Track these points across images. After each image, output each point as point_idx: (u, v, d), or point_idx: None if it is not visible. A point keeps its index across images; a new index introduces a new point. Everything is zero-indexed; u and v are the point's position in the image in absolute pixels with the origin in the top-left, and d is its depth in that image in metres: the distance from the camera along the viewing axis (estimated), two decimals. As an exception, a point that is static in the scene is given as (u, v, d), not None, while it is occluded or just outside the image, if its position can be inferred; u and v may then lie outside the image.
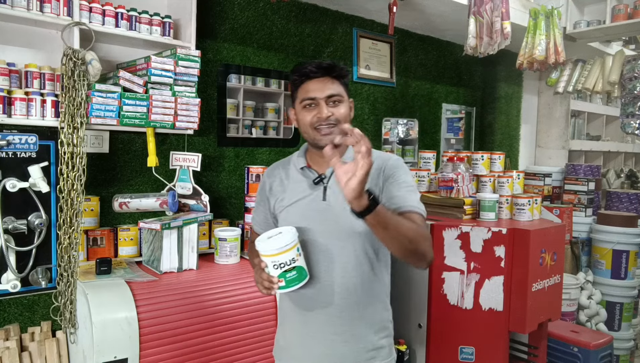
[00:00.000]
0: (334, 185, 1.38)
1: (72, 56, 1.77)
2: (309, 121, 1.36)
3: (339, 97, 1.37)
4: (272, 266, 1.27)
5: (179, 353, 1.73)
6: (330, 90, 1.36)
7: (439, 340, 2.27)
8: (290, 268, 1.27)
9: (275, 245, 1.26)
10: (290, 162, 1.50)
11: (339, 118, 1.35)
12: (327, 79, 1.37)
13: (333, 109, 1.36)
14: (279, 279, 1.27)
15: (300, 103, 1.39)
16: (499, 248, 2.16)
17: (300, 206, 1.41)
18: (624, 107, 3.51)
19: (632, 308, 3.48)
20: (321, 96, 1.35)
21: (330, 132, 1.34)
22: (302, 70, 1.39)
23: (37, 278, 1.91)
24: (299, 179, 1.44)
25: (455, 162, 2.48)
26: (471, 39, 2.78)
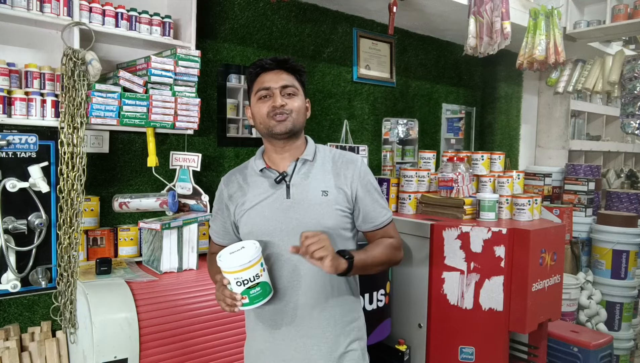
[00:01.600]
0: (297, 183, 1.37)
1: (72, 56, 1.77)
2: (265, 112, 1.35)
3: (293, 89, 1.37)
4: (235, 283, 1.22)
5: (179, 353, 1.73)
6: (284, 81, 1.36)
7: (439, 340, 2.27)
8: (254, 284, 1.22)
9: (238, 262, 1.20)
10: (247, 166, 1.48)
11: (293, 109, 1.36)
12: (281, 71, 1.37)
13: (287, 100, 1.36)
14: (242, 296, 1.22)
15: (256, 95, 1.38)
16: (499, 248, 2.16)
17: (262, 207, 1.37)
18: (624, 107, 3.51)
19: (632, 308, 3.48)
20: (275, 86, 1.35)
21: (285, 119, 1.34)
22: (257, 63, 1.40)
23: (37, 278, 1.91)
24: (259, 182, 1.41)
25: (455, 162, 2.48)
26: (471, 39, 2.78)
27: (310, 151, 1.42)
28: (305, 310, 1.35)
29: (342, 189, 1.38)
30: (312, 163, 1.40)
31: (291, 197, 1.36)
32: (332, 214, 1.35)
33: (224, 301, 1.25)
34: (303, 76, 1.42)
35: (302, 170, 1.39)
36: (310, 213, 1.34)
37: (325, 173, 1.40)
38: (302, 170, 1.39)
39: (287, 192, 1.36)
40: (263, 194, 1.38)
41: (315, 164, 1.41)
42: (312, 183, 1.37)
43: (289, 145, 1.40)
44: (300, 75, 1.41)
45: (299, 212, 1.35)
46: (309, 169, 1.39)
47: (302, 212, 1.35)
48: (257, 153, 1.48)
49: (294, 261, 1.34)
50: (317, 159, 1.42)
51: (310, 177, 1.38)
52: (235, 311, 1.25)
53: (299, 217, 1.34)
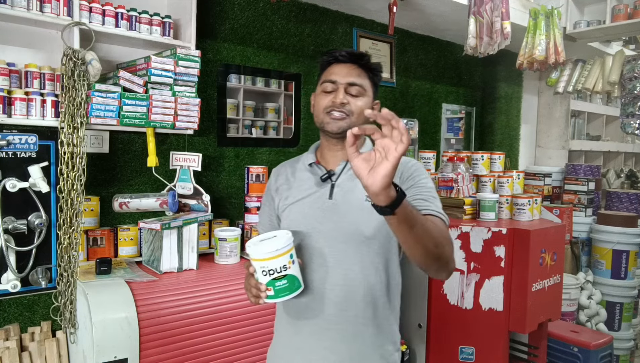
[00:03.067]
0: (343, 183, 1.29)
1: (72, 56, 1.77)
2: (324, 105, 1.28)
3: (360, 89, 1.27)
4: (261, 272, 1.15)
5: (179, 353, 1.73)
6: (352, 77, 1.27)
7: (439, 340, 2.27)
8: (280, 276, 1.15)
9: (265, 249, 1.14)
10: (299, 160, 1.41)
11: (354, 111, 1.26)
12: (353, 67, 1.28)
13: (351, 99, 1.26)
14: (267, 287, 1.15)
15: (321, 85, 1.31)
16: (499, 248, 2.16)
17: (303, 204, 1.31)
18: (624, 107, 3.51)
19: (632, 308, 3.48)
20: (342, 81, 1.27)
21: (341, 118, 1.26)
22: (331, 52, 1.31)
23: (37, 278, 1.91)
24: (306, 177, 1.35)
25: (455, 162, 2.48)
26: (471, 39, 2.78)
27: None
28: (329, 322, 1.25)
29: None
30: None
31: (333, 198, 1.28)
32: (373, 222, 1.23)
33: (250, 291, 1.19)
34: (377, 76, 1.32)
35: (350, 171, 1.28)
36: (350, 217, 1.25)
37: None
38: (351, 171, 1.23)
39: (330, 192, 1.29)
40: (307, 190, 1.32)
41: None
42: (359, 185, 1.19)
43: (343, 143, 1.29)
44: (374, 74, 1.31)
45: (338, 215, 1.26)
46: None
47: (341, 215, 1.26)
48: (312, 146, 1.41)
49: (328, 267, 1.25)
50: None
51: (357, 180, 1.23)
52: (260, 303, 1.17)
53: (337, 220, 1.26)
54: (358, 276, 1.25)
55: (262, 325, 1.93)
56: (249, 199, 2.34)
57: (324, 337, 1.25)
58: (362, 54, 1.30)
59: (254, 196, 2.33)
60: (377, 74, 1.33)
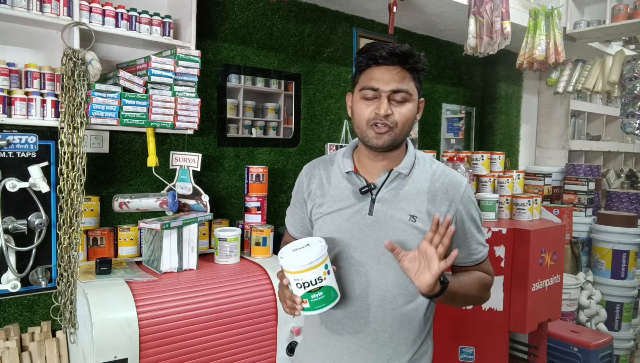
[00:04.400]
0: (385, 198, 1.21)
1: (72, 56, 1.77)
2: (366, 116, 1.16)
3: (405, 95, 1.16)
4: (295, 285, 1.11)
5: (179, 353, 1.73)
6: (397, 84, 1.15)
7: (439, 340, 2.27)
8: (316, 288, 1.10)
9: (300, 261, 1.08)
10: (333, 162, 1.30)
11: (399, 121, 1.16)
12: (397, 69, 1.16)
13: (396, 108, 1.16)
14: (302, 300, 1.11)
15: (360, 92, 1.18)
16: (499, 248, 2.17)
17: (340, 217, 1.23)
18: (624, 107, 3.51)
19: (632, 308, 3.48)
20: (385, 89, 1.14)
21: (385, 131, 1.15)
22: (371, 52, 1.17)
23: (37, 278, 1.91)
24: (343, 185, 1.25)
25: (455, 162, 2.48)
26: (471, 39, 2.78)
27: (408, 163, 1.23)
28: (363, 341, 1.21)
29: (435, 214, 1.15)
30: (407, 178, 1.22)
31: (374, 214, 1.20)
32: (415, 244, 1.14)
33: (284, 302, 1.15)
34: (422, 74, 1.20)
35: (392, 184, 1.21)
36: (391, 236, 1.16)
37: (420, 192, 1.20)
38: (393, 184, 1.21)
39: (371, 207, 1.20)
40: (344, 201, 1.23)
41: (410, 180, 1.22)
42: (401, 203, 1.19)
43: (386, 154, 1.22)
44: (419, 73, 1.19)
45: (379, 233, 1.19)
46: (401, 185, 1.21)
47: (382, 234, 1.18)
48: (348, 149, 1.30)
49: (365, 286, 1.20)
50: (413, 173, 1.22)
51: (400, 195, 1.20)
52: (297, 315, 1.13)
53: (377, 238, 1.18)
54: (397, 298, 1.20)
55: (262, 324, 1.93)
56: (249, 199, 2.34)
57: (359, 355, 1.22)
58: (405, 53, 1.16)
59: (254, 196, 2.33)
60: (423, 70, 1.21)
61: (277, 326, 1.96)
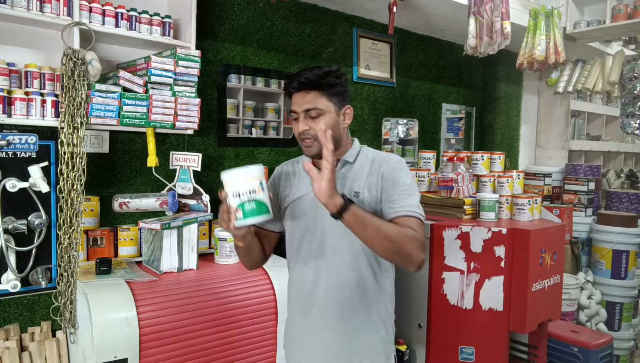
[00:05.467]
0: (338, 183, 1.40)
1: (72, 56, 1.77)
2: (297, 133, 1.43)
3: (317, 111, 1.38)
4: (232, 195, 1.25)
5: (179, 353, 1.73)
6: (307, 104, 1.38)
7: (439, 340, 2.27)
8: (249, 199, 1.24)
9: (237, 174, 1.25)
10: (299, 161, 1.56)
11: (315, 134, 1.37)
12: (305, 93, 1.38)
13: (311, 123, 1.38)
14: (237, 209, 1.24)
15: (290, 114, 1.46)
16: (499, 248, 2.16)
17: (301, 203, 1.47)
18: (624, 107, 3.51)
19: (632, 308, 3.48)
20: (299, 110, 1.39)
21: (310, 145, 1.39)
22: (286, 84, 1.44)
23: (37, 278, 1.91)
24: (304, 177, 1.48)
25: (455, 162, 2.48)
26: (471, 39, 2.78)
27: (353, 154, 1.47)
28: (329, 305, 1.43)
29: (372, 189, 1.41)
30: (352, 165, 1.46)
31: None
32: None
33: (222, 218, 1.28)
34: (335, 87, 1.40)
35: (342, 170, 1.46)
36: None
37: (362, 174, 1.44)
38: (343, 170, 1.46)
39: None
40: (304, 190, 1.46)
41: (354, 166, 1.46)
42: (347, 183, 1.43)
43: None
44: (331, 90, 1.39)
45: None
46: (348, 171, 1.46)
47: None
48: None
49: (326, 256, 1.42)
50: (357, 161, 1.47)
51: (347, 178, 1.44)
52: (231, 227, 1.26)
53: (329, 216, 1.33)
54: (351, 263, 1.43)
55: (262, 324, 1.93)
56: (249, 199, 2.34)
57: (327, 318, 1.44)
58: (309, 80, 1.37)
59: (254, 196, 2.33)
60: (334, 85, 1.39)
61: (277, 326, 1.96)
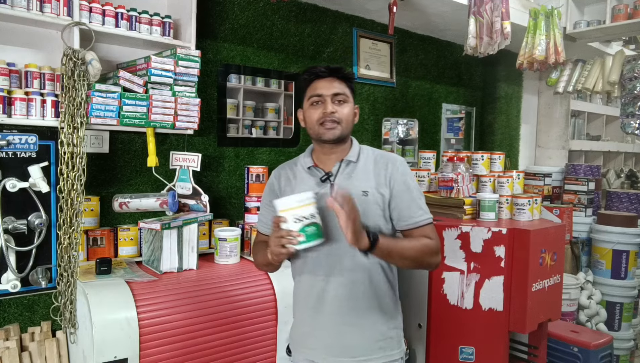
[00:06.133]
0: (340, 182, 1.46)
1: (72, 56, 1.77)
2: (316, 118, 1.45)
3: (344, 97, 1.46)
4: (293, 220, 1.29)
5: (179, 353, 1.73)
6: (336, 88, 1.45)
7: (439, 340, 2.27)
8: (310, 223, 1.30)
9: (297, 198, 1.30)
10: (297, 163, 1.57)
11: (341, 117, 1.45)
12: (334, 79, 1.46)
13: (337, 107, 1.45)
14: (299, 233, 1.29)
15: (308, 100, 1.48)
16: (499, 248, 2.16)
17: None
18: (624, 107, 3.51)
19: (632, 308, 3.47)
20: (327, 93, 1.45)
21: (333, 127, 1.44)
22: (312, 70, 1.49)
23: (37, 278, 1.91)
24: (306, 178, 1.51)
25: (455, 162, 2.48)
26: (471, 39, 2.78)
27: (355, 153, 1.51)
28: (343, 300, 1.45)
29: (381, 189, 1.46)
30: (356, 164, 1.49)
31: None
32: (371, 213, 1.43)
33: (279, 240, 1.31)
34: (353, 83, 1.51)
35: (345, 170, 1.49)
36: None
37: (367, 173, 1.48)
38: (346, 170, 1.49)
39: (331, 191, 1.44)
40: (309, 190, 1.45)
41: (358, 165, 1.49)
42: (354, 182, 1.46)
43: (336, 148, 1.50)
44: (351, 82, 1.50)
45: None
46: (352, 170, 1.49)
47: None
48: (307, 150, 1.58)
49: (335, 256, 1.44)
50: (360, 160, 1.51)
51: (352, 177, 1.47)
52: (291, 250, 1.31)
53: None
54: (362, 261, 1.44)
55: (262, 324, 1.93)
56: (249, 199, 2.34)
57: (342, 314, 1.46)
58: (338, 68, 1.48)
59: (254, 196, 2.33)
60: (353, 82, 1.52)
61: (277, 326, 1.96)
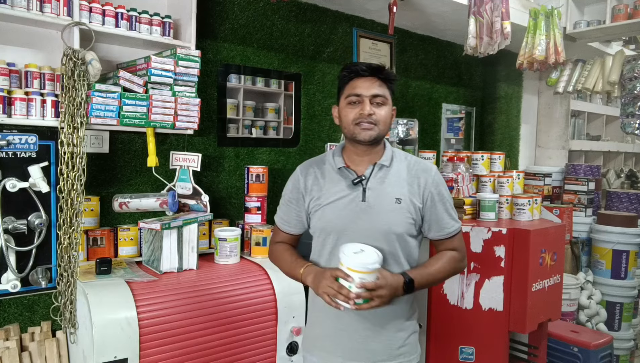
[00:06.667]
0: (373, 186, 1.43)
1: (72, 56, 1.77)
2: (352, 118, 1.41)
3: (382, 98, 1.42)
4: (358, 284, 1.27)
5: (179, 353, 1.73)
6: (376, 90, 1.40)
7: (439, 340, 2.27)
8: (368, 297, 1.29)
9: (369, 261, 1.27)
10: (324, 161, 1.52)
11: (379, 119, 1.41)
12: (374, 79, 1.41)
13: (376, 109, 1.41)
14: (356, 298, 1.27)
15: (346, 99, 1.43)
16: (499, 248, 2.16)
17: (337, 206, 1.43)
18: (624, 107, 3.50)
19: (632, 308, 3.47)
20: (366, 94, 1.40)
21: (370, 128, 1.40)
22: (352, 67, 1.44)
23: (37, 278, 1.91)
24: (337, 179, 1.46)
25: (455, 162, 2.48)
26: (471, 39, 2.78)
27: (388, 157, 1.47)
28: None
29: (414, 199, 1.44)
30: (389, 169, 1.46)
31: (366, 200, 1.42)
32: (402, 221, 1.42)
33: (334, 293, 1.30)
34: (394, 84, 1.46)
35: (378, 175, 1.45)
36: (383, 218, 1.40)
37: (400, 180, 1.45)
38: (379, 175, 1.45)
39: (363, 195, 1.42)
40: (340, 193, 1.44)
41: (391, 171, 1.46)
42: (387, 188, 1.43)
43: (370, 149, 1.46)
44: (391, 83, 1.45)
45: (372, 215, 1.41)
46: (385, 175, 1.45)
47: (375, 216, 1.41)
48: (337, 149, 1.53)
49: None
50: (393, 165, 1.47)
51: (385, 183, 1.44)
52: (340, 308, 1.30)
53: (372, 220, 1.40)
54: (389, 265, 1.42)
55: (262, 324, 1.93)
56: (249, 199, 2.34)
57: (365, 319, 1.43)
58: (380, 67, 1.42)
59: (254, 196, 2.33)
60: (394, 83, 1.46)
61: (277, 326, 1.96)
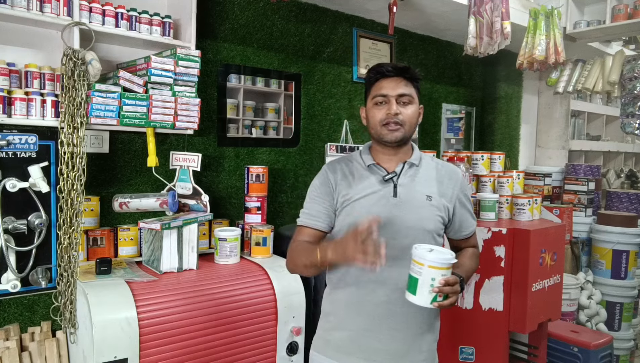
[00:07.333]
0: (404, 183, 1.44)
1: (72, 56, 1.77)
2: (379, 119, 1.42)
3: (409, 98, 1.43)
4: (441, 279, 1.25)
5: (179, 353, 1.73)
6: (402, 89, 1.41)
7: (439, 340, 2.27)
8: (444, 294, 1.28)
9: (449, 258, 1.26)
10: (352, 160, 1.53)
11: (405, 119, 1.42)
12: (400, 79, 1.42)
13: (402, 108, 1.41)
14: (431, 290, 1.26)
15: (372, 100, 1.45)
16: (499, 248, 2.17)
17: (368, 201, 1.42)
18: (624, 107, 3.50)
19: (632, 308, 3.48)
20: (393, 94, 1.41)
21: (396, 129, 1.41)
22: (378, 68, 1.45)
23: (37, 278, 1.91)
24: (366, 176, 1.46)
25: (455, 162, 2.48)
26: (471, 39, 2.78)
27: (417, 156, 1.50)
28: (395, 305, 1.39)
29: (443, 198, 1.46)
30: (418, 168, 1.48)
31: (398, 196, 1.42)
32: (433, 218, 1.43)
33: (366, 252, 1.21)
34: (419, 82, 1.47)
35: (409, 172, 1.46)
36: (414, 214, 1.41)
37: (430, 179, 1.47)
38: (409, 172, 1.46)
39: (394, 191, 1.43)
40: (369, 188, 1.44)
41: (421, 169, 1.48)
42: (417, 186, 1.45)
43: (398, 150, 1.47)
44: (417, 83, 1.46)
45: (404, 211, 1.41)
46: (415, 173, 1.47)
47: (406, 212, 1.41)
48: (364, 148, 1.54)
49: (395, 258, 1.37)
50: (422, 164, 1.49)
51: (415, 181, 1.45)
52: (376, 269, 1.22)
53: (403, 216, 1.40)
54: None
55: (262, 324, 1.93)
56: (249, 199, 2.34)
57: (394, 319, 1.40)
58: (406, 68, 1.44)
59: (254, 196, 2.33)
60: (419, 80, 1.47)
61: (277, 326, 1.96)
